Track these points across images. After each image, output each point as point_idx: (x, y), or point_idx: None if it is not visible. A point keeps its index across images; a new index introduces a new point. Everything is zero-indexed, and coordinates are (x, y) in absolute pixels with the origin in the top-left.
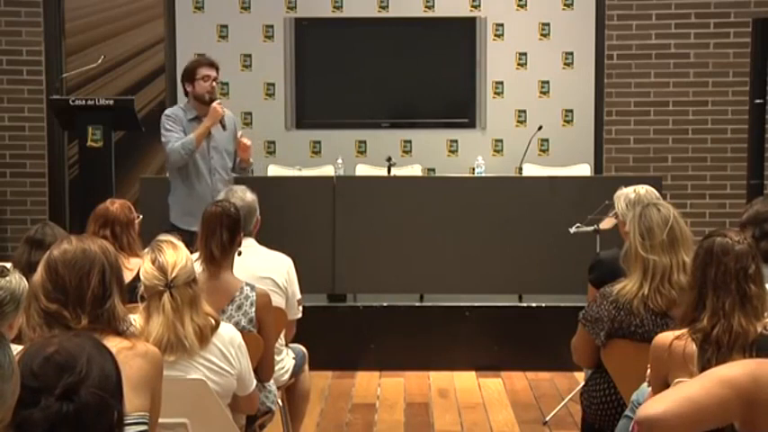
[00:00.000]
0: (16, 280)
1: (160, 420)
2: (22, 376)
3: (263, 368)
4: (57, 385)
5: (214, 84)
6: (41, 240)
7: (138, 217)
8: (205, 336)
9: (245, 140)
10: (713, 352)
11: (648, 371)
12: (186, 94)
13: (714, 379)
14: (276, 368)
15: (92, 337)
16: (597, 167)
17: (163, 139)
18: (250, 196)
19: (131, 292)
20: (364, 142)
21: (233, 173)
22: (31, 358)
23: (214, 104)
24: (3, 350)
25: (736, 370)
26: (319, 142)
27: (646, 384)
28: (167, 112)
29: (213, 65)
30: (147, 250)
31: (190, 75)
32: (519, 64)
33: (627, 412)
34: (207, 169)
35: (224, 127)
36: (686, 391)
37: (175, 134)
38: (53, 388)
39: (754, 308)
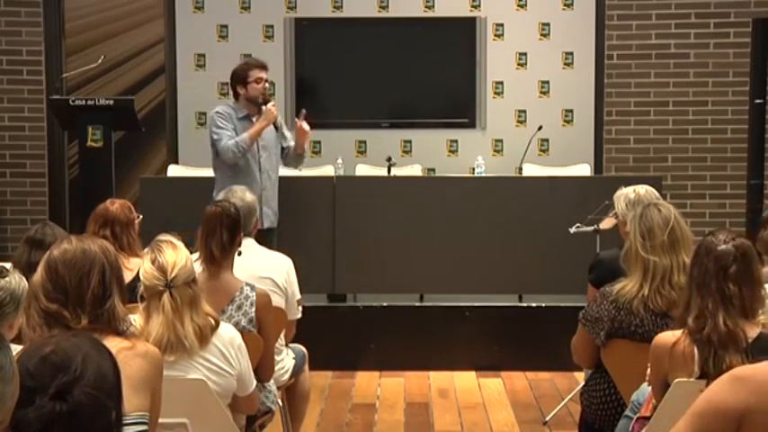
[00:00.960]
0: (16, 280)
1: (160, 420)
2: (19, 376)
3: (263, 368)
4: (51, 385)
5: (266, 85)
6: (41, 240)
7: (138, 217)
8: (205, 336)
9: (305, 125)
10: (709, 352)
11: (648, 371)
12: (236, 96)
13: (698, 414)
14: (276, 368)
15: (91, 337)
16: (597, 167)
17: (214, 137)
18: (250, 196)
19: (131, 292)
20: (364, 142)
21: (287, 166)
22: (28, 358)
23: (269, 106)
24: (3, 352)
25: (719, 392)
26: (319, 142)
27: (646, 384)
28: (218, 109)
29: (264, 66)
30: (146, 250)
31: (241, 78)
32: (519, 64)
33: (627, 412)
34: (257, 168)
35: (277, 128)
36: None
37: (227, 132)
38: (47, 387)
39: (736, 308)
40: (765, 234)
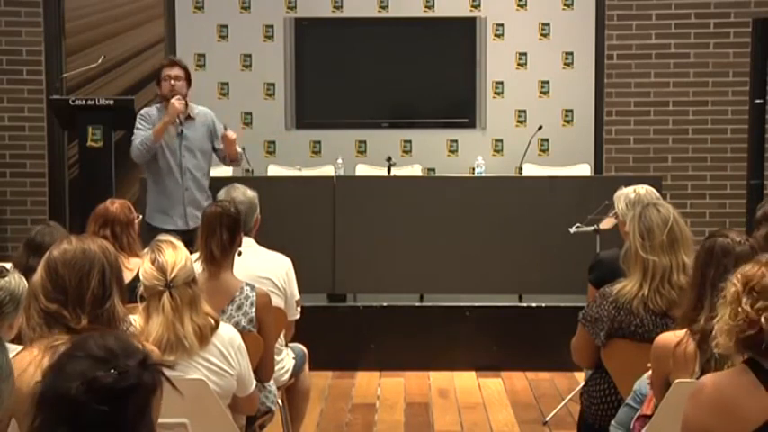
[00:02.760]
0: (15, 280)
1: (160, 420)
2: (90, 350)
3: (263, 368)
4: (131, 358)
5: (173, 82)
6: (40, 244)
7: (138, 217)
8: (205, 336)
9: (230, 134)
10: (712, 353)
11: (649, 371)
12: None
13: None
14: (276, 368)
15: None
16: (597, 167)
17: (132, 137)
18: (251, 193)
19: (131, 292)
20: (364, 142)
21: (226, 165)
22: (97, 339)
23: (172, 100)
24: (1, 351)
25: (689, 410)
26: (319, 142)
27: (647, 375)
28: (141, 111)
29: (175, 63)
30: (146, 250)
31: (156, 77)
32: (519, 64)
33: (628, 400)
34: (177, 168)
35: (181, 123)
36: None
37: (142, 132)
38: (132, 355)
39: None
40: (759, 234)
